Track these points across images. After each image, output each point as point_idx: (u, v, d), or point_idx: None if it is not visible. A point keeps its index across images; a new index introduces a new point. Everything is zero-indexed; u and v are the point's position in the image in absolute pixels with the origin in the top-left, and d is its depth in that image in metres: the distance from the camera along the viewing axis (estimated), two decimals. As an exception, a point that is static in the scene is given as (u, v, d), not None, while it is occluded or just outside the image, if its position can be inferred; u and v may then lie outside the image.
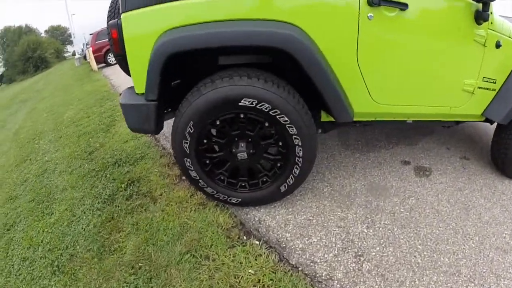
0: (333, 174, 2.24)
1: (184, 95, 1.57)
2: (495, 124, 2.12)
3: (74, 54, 20.60)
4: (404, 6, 1.52)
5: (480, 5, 1.65)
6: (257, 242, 1.67)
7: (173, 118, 1.65)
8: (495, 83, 1.95)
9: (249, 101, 1.45)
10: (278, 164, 1.72)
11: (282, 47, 1.40)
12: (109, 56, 11.51)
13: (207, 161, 1.72)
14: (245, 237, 1.72)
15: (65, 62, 28.67)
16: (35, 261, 1.96)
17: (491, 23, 1.74)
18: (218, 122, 1.57)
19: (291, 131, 1.53)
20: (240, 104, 1.46)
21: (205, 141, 1.64)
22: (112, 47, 1.69)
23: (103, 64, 11.97)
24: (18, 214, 2.62)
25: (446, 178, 2.16)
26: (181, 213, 1.97)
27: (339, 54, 1.55)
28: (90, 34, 12.72)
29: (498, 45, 1.81)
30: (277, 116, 1.49)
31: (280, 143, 1.63)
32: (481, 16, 1.64)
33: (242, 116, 1.55)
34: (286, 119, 1.50)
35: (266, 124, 1.57)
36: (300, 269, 1.51)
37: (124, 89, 1.95)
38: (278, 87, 1.47)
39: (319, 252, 1.59)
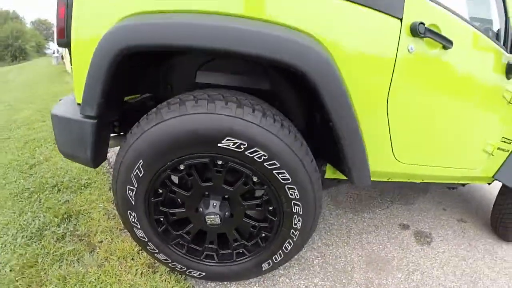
0: (324, 240, 1.80)
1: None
2: (493, 184, 1.98)
3: (54, 52, 19.61)
4: (449, 44, 1.17)
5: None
6: None
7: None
8: (510, 143, 1.75)
9: (234, 143, 0.95)
10: (263, 235, 1.22)
11: (300, 65, 0.91)
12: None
13: (162, 219, 1.19)
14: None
15: (44, 58, 27.58)
16: None
17: None
18: (181, 167, 1.05)
19: (291, 195, 1.05)
20: (220, 145, 0.96)
21: (160, 191, 1.12)
22: (56, 31, 1.13)
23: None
24: None
25: (448, 245, 1.97)
26: (122, 275, 1.42)
27: (367, 92, 1.12)
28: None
29: None
30: (275, 171, 1.00)
31: (271, 208, 1.14)
32: None
33: (220, 162, 1.04)
34: (288, 177, 1.01)
35: (255, 179, 1.07)
36: None
37: (69, 95, 1.39)
38: (282, 127, 0.98)
39: None
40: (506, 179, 1.77)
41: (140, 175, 1.02)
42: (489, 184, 1.98)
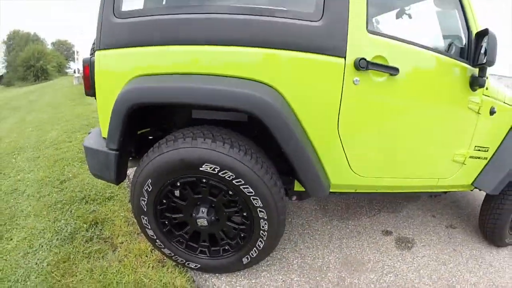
0: (306, 243, 2.12)
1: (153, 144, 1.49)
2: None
3: (75, 71, 20.93)
4: (394, 71, 1.41)
5: (476, 70, 1.58)
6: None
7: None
8: (487, 151, 1.89)
9: (210, 167, 1.36)
10: (242, 235, 1.62)
11: (248, 109, 1.29)
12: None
13: (166, 222, 1.63)
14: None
15: (65, 77, 28.86)
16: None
17: (486, 88, 1.68)
18: (178, 184, 1.49)
19: (256, 204, 1.45)
20: (201, 169, 1.37)
21: (164, 201, 1.55)
22: (84, 84, 1.64)
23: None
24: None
25: (429, 250, 2.07)
26: (138, 268, 1.84)
27: (318, 121, 1.43)
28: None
29: (492, 112, 1.76)
30: (241, 186, 1.41)
31: (244, 214, 1.54)
32: (476, 82, 1.56)
33: (204, 180, 1.45)
34: (251, 190, 1.41)
35: (230, 192, 1.49)
36: None
37: (96, 128, 1.88)
38: (245, 154, 1.37)
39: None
40: (484, 185, 1.90)
41: (149, 190, 1.48)
42: (471, 190, 2.09)
